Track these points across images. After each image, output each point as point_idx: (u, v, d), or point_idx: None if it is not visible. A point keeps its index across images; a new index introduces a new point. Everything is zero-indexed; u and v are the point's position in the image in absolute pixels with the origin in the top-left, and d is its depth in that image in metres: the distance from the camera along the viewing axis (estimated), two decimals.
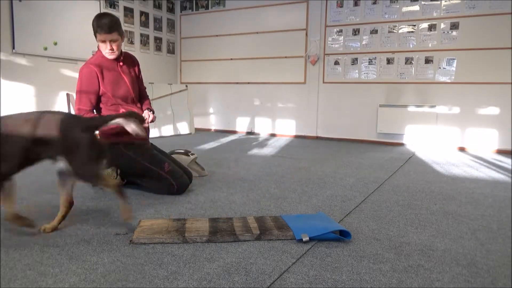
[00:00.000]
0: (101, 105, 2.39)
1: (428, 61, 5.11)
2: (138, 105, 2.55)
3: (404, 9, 5.19)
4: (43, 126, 1.56)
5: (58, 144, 1.56)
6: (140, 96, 2.62)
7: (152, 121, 2.45)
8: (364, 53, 5.48)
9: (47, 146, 1.56)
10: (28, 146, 1.54)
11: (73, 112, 5.27)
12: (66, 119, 1.62)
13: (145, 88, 2.69)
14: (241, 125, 6.58)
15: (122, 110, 2.36)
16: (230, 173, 3.08)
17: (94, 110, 2.38)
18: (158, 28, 6.60)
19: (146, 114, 2.46)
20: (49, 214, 1.83)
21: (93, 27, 2.28)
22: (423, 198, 2.46)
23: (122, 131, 1.90)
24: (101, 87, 2.33)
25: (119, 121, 1.71)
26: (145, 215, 1.96)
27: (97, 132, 1.80)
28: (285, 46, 6.03)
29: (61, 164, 1.62)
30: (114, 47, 2.32)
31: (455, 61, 4.96)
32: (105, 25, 2.22)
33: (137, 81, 2.57)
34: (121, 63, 2.44)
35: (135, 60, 2.60)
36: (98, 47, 2.39)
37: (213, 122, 6.87)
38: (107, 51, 2.33)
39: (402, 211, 2.14)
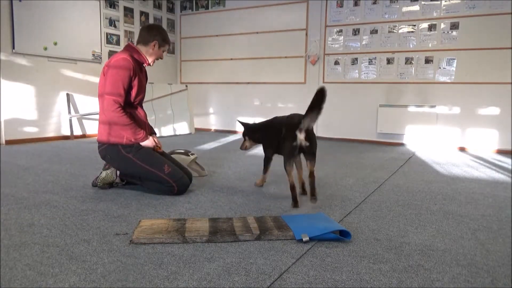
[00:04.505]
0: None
1: (428, 61, 5.11)
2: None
3: (404, 9, 5.19)
4: None
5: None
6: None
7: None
8: (364, 53, 5.48)
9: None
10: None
11: (74, 107, 5.27)
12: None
13: None
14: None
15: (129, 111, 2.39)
16: (230, 173, 3.08)
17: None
18: None
19: (157, 142, 2.49)
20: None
21: (161, 38, 2.45)
22: (423, 198, 2.46)
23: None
24: (131, 84, 2.36)
25: None
26: (145, 215, 1.96)
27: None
28: (285, 46, 6.03)
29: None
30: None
31: (455, 61, 4.96)
32: (170, 41, 2.57)
33: None
34: (145, 69, 2.54)
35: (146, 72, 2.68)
36: (129, 44, 2.45)
37: (213, 122, 6.87)
38: (157, 59, 2.51)
39: (402, 211, 2.14)
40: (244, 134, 2.72)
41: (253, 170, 3.22)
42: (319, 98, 2.15)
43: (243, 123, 2.72)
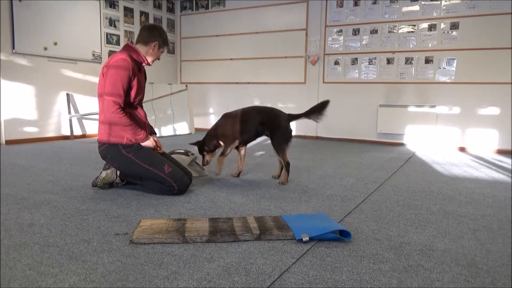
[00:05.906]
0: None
1: (428, 61, 5.11)
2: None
3: (404, 9, 5.19)
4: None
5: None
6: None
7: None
8: (364, 53, 5.49)
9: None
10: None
11: (75, 106, 5.27)
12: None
13: None
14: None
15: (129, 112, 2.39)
16: (230, 173, 3.08)
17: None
18: None
19: (157, 142, 2.49)
20: None
21: (161, 39, 2.46)
22: (423, 198, 2.46)
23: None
24: (130, 85, 2.36)
25: None
26: (145, 215, 1.96)
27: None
28: (285, 46, 6.03)
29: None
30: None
31: (455, 61, 4.96)
32: (169, 42, 2.61)
33: None
34: (143, 69, 2.53)
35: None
36: (128, 44, 2.44)
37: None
38: (155, 60, 2.52)
39: (402, 211, 2.14)
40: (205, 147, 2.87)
41: (253, 170, 3.22)
42: (322, 106, 2.83)
43: (198, 142, 2.91)
